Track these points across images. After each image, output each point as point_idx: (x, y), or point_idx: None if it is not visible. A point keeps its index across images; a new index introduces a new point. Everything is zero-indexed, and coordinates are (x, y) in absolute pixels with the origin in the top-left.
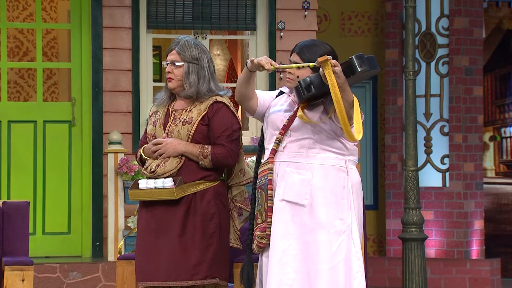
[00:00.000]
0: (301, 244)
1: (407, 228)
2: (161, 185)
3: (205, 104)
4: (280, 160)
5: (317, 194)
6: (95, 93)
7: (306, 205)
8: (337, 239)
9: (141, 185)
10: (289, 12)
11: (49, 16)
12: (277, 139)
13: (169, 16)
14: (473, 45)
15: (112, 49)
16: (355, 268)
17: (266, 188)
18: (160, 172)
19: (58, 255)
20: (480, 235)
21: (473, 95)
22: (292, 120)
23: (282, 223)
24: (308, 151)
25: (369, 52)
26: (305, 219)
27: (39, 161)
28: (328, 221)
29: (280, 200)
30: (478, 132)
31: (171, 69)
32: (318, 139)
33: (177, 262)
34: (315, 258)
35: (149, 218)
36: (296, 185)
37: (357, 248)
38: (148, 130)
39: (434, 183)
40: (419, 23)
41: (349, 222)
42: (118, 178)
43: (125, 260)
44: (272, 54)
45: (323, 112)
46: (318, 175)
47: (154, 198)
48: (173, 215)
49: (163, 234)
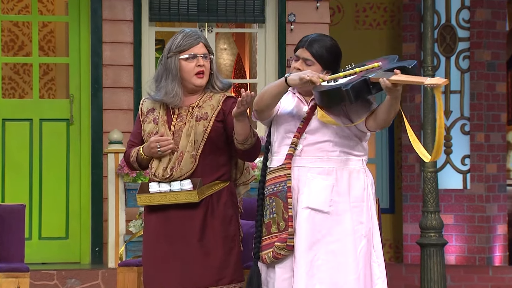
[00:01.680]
0: (327, 254)
1: (425, 233)
2: (179, 188)
3: (215, 99)
4: (299, 165)
5: (341, 200)
6: (94, 89)
7: (330, 212)
8: (359, 245)
9: (152, 189)
10: (300, 4)
11: (45, 8)
12: (293, 142)
13: (173, 8)
14: (495, 38)
15: (112, 43)
16: (376, 274)
17: (284, 196)
18: (177, 176)
19: (56, 261)
20: (503, 241)
21: (495, 91)
22: (307, 121)
23: (308, 232)
24: (329, 154)
25: (385, 45)
26: (330, 227)
27: (35, 161)
28: (351, 228)
29: (304, 207)
30: (501, 131)
31: (203, 62)
32: (338, 141)
33: (199, 267)
34: (342, 268)
35: (161, 223)
36: (320, 191)
37: (378, 253)
38: (148, 129)
39: (454, 185)
40: (438, 15)
41: (370, 225)
42: (119, 180)
43: (126, 267)
44: (282, 48)
45: (344, 116)
46: (341, 179)
47: (171, 202)
48: (191, 219)
49: (179, 240)
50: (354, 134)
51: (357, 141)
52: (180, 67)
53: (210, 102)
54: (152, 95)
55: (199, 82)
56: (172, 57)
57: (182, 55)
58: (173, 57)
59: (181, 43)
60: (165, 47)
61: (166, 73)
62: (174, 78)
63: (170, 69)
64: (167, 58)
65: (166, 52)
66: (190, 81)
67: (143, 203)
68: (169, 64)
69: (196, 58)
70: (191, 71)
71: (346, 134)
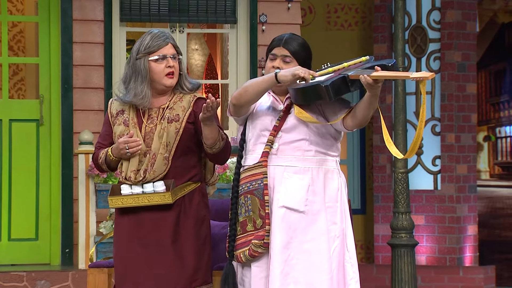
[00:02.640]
0: (302, 253)
1: (396, 234)
2: (151, 190)
3: (186, 100)
4: (275, 164)
5: (316, 199)
6: (64, 90)
7: (306, 212)
8: (332, 245)
9: (124, 191)
10: (272, 4)
11: (15, 8)
12: (269, 140)
13: (144, 8)
14: (466, 39)
15: (82, 43)
16: (349, 275)
17: (261, 193)
18: (150, 178)
19: (25, 263)
20: (474, 241)
21: (466, 92)
22: (283, 120)
23: (283, 231)
24: (304, 153)
25: (356, 46)
26: (305, 227)
27: (4, 162)
28: (326, 228)
29: (280, 206)
30: (471, 132)
31: (173, 63)
32: (313, 140)
33: (173, 269)
34: (316, 268)
35: (133, 225)
36: (296, 191)
37: (351, 253)
38: (118, 131)
39: (425, 185)
40: (409, 16)
41: (343, 226)
42: (89, 181)
43: (97, 268)
44: (254, 48)
45: (319, 113)
46: (316, 179)
47: (144, 203)
48: (163, 221)
49: (152, 242)
50: (329, 134)
51: (332, 141)
52: (149, 68)
53: (180, 103)
54: (120, 96)
55: (170, 83)
56: (141, 59)
57: (152, 56)
58: (142, 59)
59: (150, 44)
60: (133, 48)
61: (135, 74)
62: (143, 79)
63: (139, 71)
64: (136, 59)
65: (135, 54)
66: (161, 82)
67: (115, 205)
68: (138, 66)
69: (165, 59)
70: (161, 72)
71: (322, 133)
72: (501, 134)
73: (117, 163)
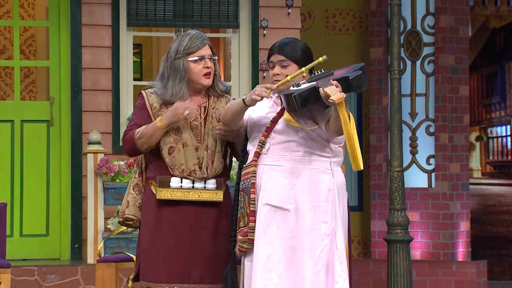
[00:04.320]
0: (285, 249)
1: (392, 230)
2: (202, 186)
3: (224, 101)
4: (264, 163)
5: (302, 198)
6: (74, 92)
7: (290, 210)
8: (321, 243)
9: (173, 184)
10: (273, 10)
11: (26, 13)
12: (261, 141)
13: (150, 14)
14: (459, 43)
15: (91, 47)
16: (337, 272)
17: (249, 191)
18: (211, 175)
19: (36, 258)
20: (466, 237)
21: (459, 94)
22: (275, 121)
23: (266, 228)
24: (293, 154)
25: (354, 50)
26: (289, 224)
27: (16, 161)
28: (312, 226)
29: (264, 204)
30: (464, 132)
31: (210, 64)
32: (302, 142)
33: (209, 265)
34: (300, 264)
35: (175, 217)
36: (280, 189)
37: (340, 251)
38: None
39: (419, 183)
40: (405, 21)
41: (333, 225)
42: (97, 179)
43: (105, 263)
44: (255, 52)
45: (309, 117)
46: (302, 178)
47: (193, 198)
48: (205, 216)
49: (191, 236)
50: (319, 136)
51: (323, 142)
52: (188, 68)
53: (221, 103)
54: (159, 93)
55: (207, 82)
56: (181, 59)
57: (191, 57)
58: (181, 59)
59: (189, 45)
60: (171, 48)
61: (173, 74)
62: (182, 79)
63: (178, 71)
64: (175, 59)
65: (174, 54)
66: (199, 81)
67: (164, 197)
68: (177, 66)
69: (203, 60)
70: (199, 72)
71: (312, 135)
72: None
73: (161, 136)
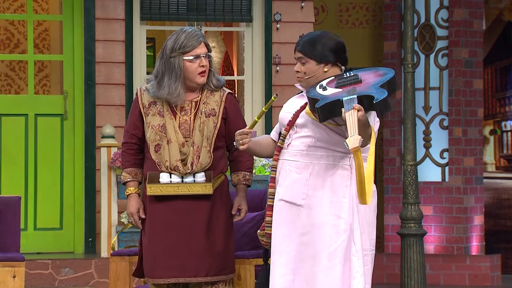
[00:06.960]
0: (299, 245)
1: (405, 224)
2: (191, 180)
3: (217, 95)
4: (283, 158)
5: (315, 194)
6: (87, 86)
7: (303, 205)
8: (337, 239)
9: (162, 179)
10: (286, 3)
11: (40, 7)
12: (283, 135)
13: (163, 8)
14: (473, 37)
15: (105, 41)
16: (355, 268)
17: (268, 186)
18: (197, 170)
19: (50, 251)
20: (480, 231)
21: (473, 88)
22: (296, 115)
23: (281, 223)
24: (309, 149)
25: (367, 44)
26: (302, 220)
27: (30, 155)
28: (326, 221)
29: (279, 199)
30: (478, 125)
31: (205, 62)
32: (320, 137)
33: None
34: (312, 260)
35: (166, 212)
36: (293, 184)
37: (358, 247)
38: (154, 122)
39: (433, 177)
40: (418, 15)
41: (350, 221)
42: (111, 173)
43: (119, 256)
44: (268, 46)
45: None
46: (317, 174)
47: (184, 193)
48: (198, 210)
49: (185, 229)
50: (338, 134)
51: (342, 138)
52: (183, 67)
53: (213, 98)
54: (153, 91)
55: (202, 81)
56: (176, 57)
57: (186, 56)
58: (177, 57)
59: (184, 43)
60: (166, 45)
61: (168, 72)
62: (177, 78)
63: (173, 69)
64: (170, 57)
65: (169, 52)
66: (194, 80)
67: (154, 193)
68: (173, 64)
69: (199, 59)
70: (195, 71)
71: (331, 131)
72: (507, 128)
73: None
